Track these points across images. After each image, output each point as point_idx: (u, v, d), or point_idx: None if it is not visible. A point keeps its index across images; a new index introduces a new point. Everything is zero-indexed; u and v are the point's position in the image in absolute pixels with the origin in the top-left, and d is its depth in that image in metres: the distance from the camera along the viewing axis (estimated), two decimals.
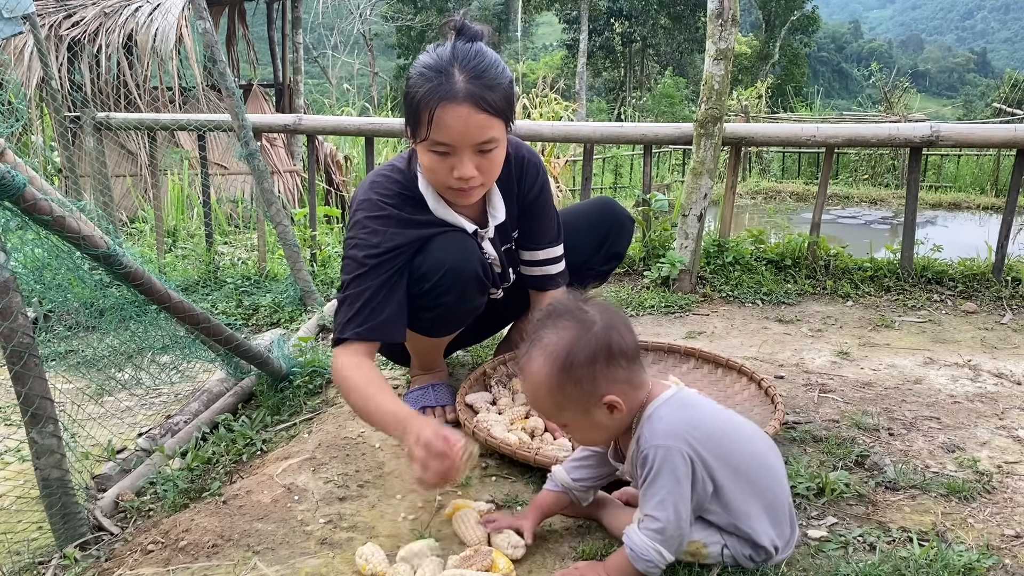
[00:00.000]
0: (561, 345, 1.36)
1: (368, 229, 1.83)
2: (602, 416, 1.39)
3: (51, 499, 1.68)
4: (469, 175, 1.74)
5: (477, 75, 1.67)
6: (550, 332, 1.39)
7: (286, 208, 6.36)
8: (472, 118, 1.67)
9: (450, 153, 1.72)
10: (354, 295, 1.80)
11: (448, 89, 1.66)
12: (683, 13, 33.60)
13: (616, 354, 1.37)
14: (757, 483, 1.40)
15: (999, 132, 3.49)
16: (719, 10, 3.30)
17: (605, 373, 1.36)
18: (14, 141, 5.59)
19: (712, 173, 3.46)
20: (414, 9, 32.11)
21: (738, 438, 1.43)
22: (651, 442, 1.35)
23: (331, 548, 1.55)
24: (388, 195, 1.87)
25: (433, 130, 1.68)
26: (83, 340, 2.69)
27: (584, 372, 1.36)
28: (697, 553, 1.41)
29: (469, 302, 1.96)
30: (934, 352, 2.75)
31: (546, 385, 1.38)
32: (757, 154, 14.77)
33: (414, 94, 1.70)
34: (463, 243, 1.91)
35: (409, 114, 1.74)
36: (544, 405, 1.43)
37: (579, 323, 1.38)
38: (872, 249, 4.35)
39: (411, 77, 1.73)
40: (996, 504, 1.70)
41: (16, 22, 3.14)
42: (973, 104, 39.68)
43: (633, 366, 1.40)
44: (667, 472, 1.33)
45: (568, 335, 1.37)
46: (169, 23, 8.02)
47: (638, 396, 1.41)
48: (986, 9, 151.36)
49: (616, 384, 1.37)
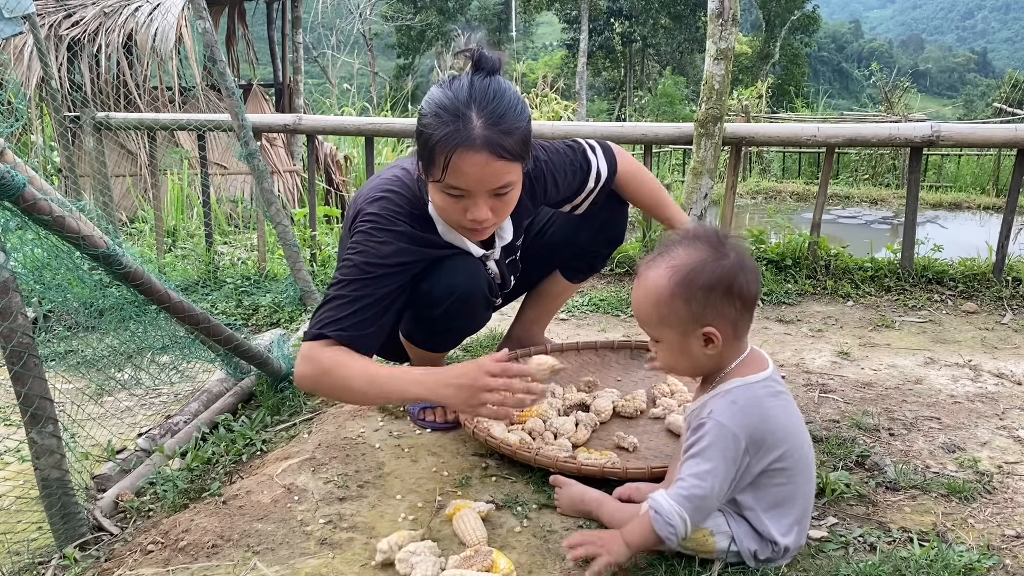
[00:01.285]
0: (688, 262, 1.38)
1: (378, 239, 1.75)
2: (696, 346, 1.41)
3: (51, 499, 1.68)
4: (483, 218, 1.69)
5: (495, 121, 1.60)
6: (682, 248, 1.41)
7: (286, 208, 6.37)
8: (489, 166, 1.61)
9: (464, 196, 1.67)
10: (350, 298, 1.71)
11: (466, 136, 1.58)
12: (683, 13, 33.61)
13: (735, 293, 1.38)
14: (799, 487, 1.41)
15: (1000, 132, 3.49)
16: (719, 10, 3.30)
17: (717, 304, 1.37)
18: (14, 141, 5.59)
19: (712, 173, 3.46)
20: (414, 9, 32.10)
21: (801, 442, 1.43)
22: (716, 417, 1.36)
23: (331, 548, 1.54)
24: (400, 212, 1.80)
25: (449, 175, 1.62)
26: (83, 340, 2.69)
27: (699, 294, 1.37)
28: (703, 543, 1.40)
29: (477, 321, 2.04)
30: (934, 352, 2.75)
31: (658, 293, 1.39)
32: (757, 154, 14.78)
33: (429, 135, 1.62)
34: (471, 266, 1.89)
35: (423, 153, 1.66)
36: (647, 312, 1.43)
37: (714, 250, 1.39)
38: (872, 249, 4.35)
39: (425, 115, 1.64)
40: (996, 504, 1.70)
41: (16, 22, 3.14)
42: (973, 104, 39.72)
43: (745, 314, 1.41)
44: (719, 449, 1.34)
45: (699, 256, 1.39)
46: (169, 23, 8.02)
47: (735, 348, 1.43)
48: (986, 9, 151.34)
49: (723, 321, 1.39)
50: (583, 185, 2.08)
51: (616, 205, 2.20)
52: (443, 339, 2.06)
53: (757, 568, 1.42)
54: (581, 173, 2.06)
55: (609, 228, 2.21)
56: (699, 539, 1.40)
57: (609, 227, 2.21)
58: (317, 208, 4.38)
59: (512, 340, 2.46)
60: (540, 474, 1.78)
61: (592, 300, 3.39)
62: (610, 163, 2.10)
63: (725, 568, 1.42)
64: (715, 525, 1.41)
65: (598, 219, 2.19)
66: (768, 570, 1.42)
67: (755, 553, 1.41)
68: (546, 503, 1.70)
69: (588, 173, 2.07)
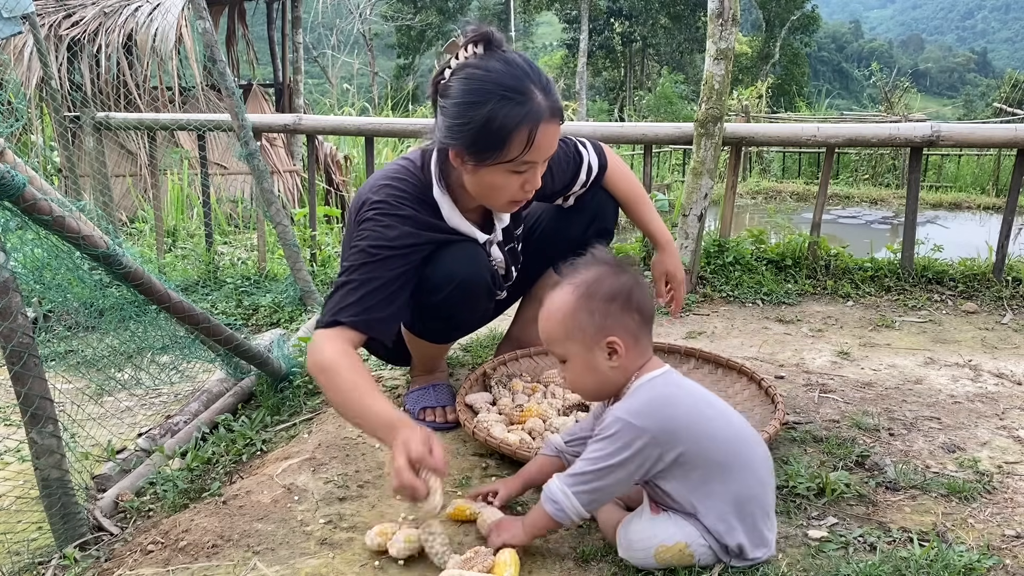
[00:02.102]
0: (589, 278, 1.47)
1: (383, 224, 1.77)
2: (601, 359, 1.45)
3: (51, 499, 1.68)
4: (539, 185, 1.78)
5: (549, 90, 1.69)
6: (582, 269, 1.49)
7: (286, 208, 6.36)
8: (558, 134, 1.73)
9: (527, 170, 1.72)
10: (359, 282, 1.71)
11: (541, 110, 1.65)
12: (683, 13, 33.61)
13: (633, 305, 1.45)
14: (727, 472, 1.40)
15: (1000, 132, 3.49)
16: (719, 10, 3.30)
17: (618, 315, 1.44)
18: (14, 141, 5.59)
19: (712, 173, 3.46)
20: (414, 9, 32.11)
21: (715, 428, 1.43)
22: (617, 413, 1.40)
23: (331, 548, 1.54)
24: (405, 197, 1.82)
25: (531, 151, 1.66)
26: (83, 340, 2.69)
27: (600, 305, 1.44)
28: (682, 557, 1.41)
29: (479, 310, 2.02)
30: (935, 352, 2.75)
31: (562, 310, 1.46)
32: (757, 154, 14.78)
33: (501, 117, 1.62)
34: (473, 254, 1.90)
35: (488, 138, 1.64)
36: (554, 330, 1.48)
37: (612, 268, 1.48)
38: (872, 249, 4.35)
39: (483, 101, 1.62)
40: (996, 504, 1.70)
41: (16, 22, 3.14)
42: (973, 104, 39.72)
43: (644, 328, 1.47)
44: (617, 443, 1.37)
45: (598, 272, 1.47)
46: (169, 23, 8.01)
47: (636, 360, 1.46)
48: (986, 9, 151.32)
49: (624, 331, 1.44)
50: (575, 177, 2.12)
51: (605, 198, 2.21)
52: (443, 328, 2.02)
53: (753, 568, 1.42)
54: (574, 165, 2.11)
55: (599, 219, 2.22)
56: (676, 554, 1.40)
57: (599, 218, 2.22)
58: (317, 208, 4.38)
59: (511, 340, 2.46)
60: None
61: None
62: (600, 159, 2.15)
63: (725, 569, 1.42)
64: (686, 535, 1.40)
65: (588, 211, 2.20)
66: (768, 570, 1.42)
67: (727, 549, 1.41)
68: None
69: (580, 165, 2.12)
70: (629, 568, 1.44)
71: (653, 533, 1.41)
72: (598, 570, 1.47)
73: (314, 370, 1.68)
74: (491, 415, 2.02)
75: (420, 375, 2.22)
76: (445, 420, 2.07)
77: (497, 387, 2.21)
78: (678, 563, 1.41)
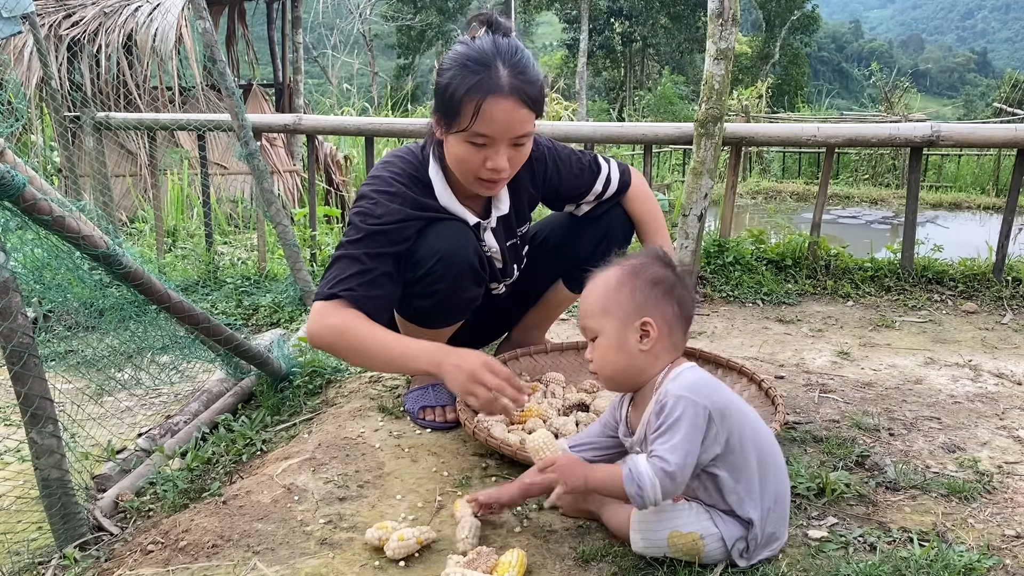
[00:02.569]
0: (637, 261, 1.51)
1: (373, 200, 1.85)
2: (632, 339, 1.46)
3: (51, 499, 1.68)
4: (503, 167, 1.78)
5: (520, 70, 1.72)
6: (635, 257, 1.53)
7: (286, 208, 6.37)
8: (516, 112, 1.72)
9: (487, 145, 1.75)
10: (353, 256, 1.81)
11: (496, 82, 1.69)
12: (683, 13, 33.62)
13: (675, 296, 1.47)
14: (766, 461, 1.43)
15: (1000, 132, 3.49)
16: (719, 10, 3.30)
17: (658, 300, 1.46)
18: (14, 141, 5.59)
19: (712, 173, 3.46)
20: (414, 9, 32.11)
21: (754, 417, 1.47)
22: (673, 392, 1.39)
23: (331, 548, 1.54)
24: (399, 174, 1.90)
25: (478, 121, 1.71)
26: (83, 340, 2.69)
27: (643, 286, 1.46)
28: (692, 548, 1.41)
29: (463, 291, 1.96)
30: (935, 352, 2.75)
31: (606, 283, 1.49)
32: (757, 154, 14.78)
33: (456, 86, 1.71)
34: (459, 232, 1.92)
35: (446, 105, 1.75)
36: (593, 302, 1.50)
37: (663, 263, 1.51)
38: (872, 249, 4.35)
39: (448, 68, 1.74)
40: (996, 504, 1.70)
41: (16, 22, 3.14)
42: (973, 104, 39.72)
43: (680, 323, 1.49)
44: (686, 421, 1.36)
45: (649, 259, 1.51)
46: (169, 23, 8.01)
47: (666, 352, 1.47)
48: (986, 9, 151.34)
49: (660, 317, 1.46)
50: (589, 185, 2.12)
51: (621, 217, 2.21)
52: (429, 308, 1.96)
53: (749, 566, 1.42)
54: (589, 173, 2.12)
55: (610, 237, 2.21)
56: (689, 543, 1.41)
57: (610, 237, 2.21)
58: (317, 208, 4.38)
59: (511, 342, 2.46)
60: None
61: None
62: (623, 178, 2.17)
63: (725, 569, 1.42)
64: (703, 528, 1.41)
65: (601, 227, 2.19)
66: (768, 570, 1.42)
67: (742, 551, 1.42)
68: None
69: (596, 174, 2.13)
70: (630, 568, 1.44)
71: (671, 516, 1.43)
72: (598, 570, 1.47)
73: (331, 336, 1.77)
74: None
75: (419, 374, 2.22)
76: (445, 420, 2.07)
77: None
78: (687, 552, 1.41)
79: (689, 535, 1.40)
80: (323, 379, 2.49)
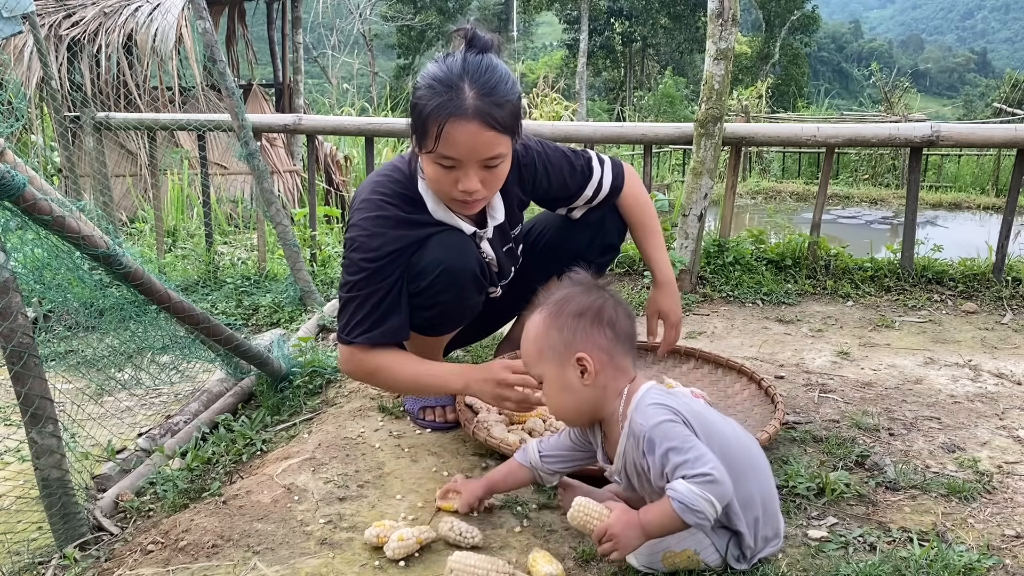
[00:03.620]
0: (558, 297, 1.49)
1: (367, 232, 1.83)
2: (573, 376, 1.44)
3: (51, 499, 1.68)
4: (473, 189, 1.75)
5: (487, 92, 1.67)
6: (556, 291, 1.51)
7: (286, 208, 6.37)
8: (480, 135, 1.67)
9: (455, 167, 1.72)
10: (361, 297, 1.83)
11: (458, 105, 1.65)
12: (683, 13, 33.60)
13: (604, 321, 1.45)
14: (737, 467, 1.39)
15: (999, 132, 3.49)
16: (719, 10, 3.30)
17: (587, 332, 1.45)
18: (14, 141, 5.59)
19: (712, 173, 3.46)
20: (414, 9, 32.10)
21: (720, 426, 1.44)
22: (649, 424, 1.36)
23: (331, 548, 1.54)
24: (388, 195, 1.87)
25: (441, 144, 1.68)
26: (83, 340, 2.68)
27: (568, 322, 1.45)
28: (690, 563, 1.41)
29: (466, 300, 1.96)
30: (934, 352, 2.75)
31: (534, 330, 1.49)
32: (757, 154, 14.78)
33: (423, 106, 1.69)
34: (460, 242, 1.91)
35: (416, 125, 1.74)
36: (528, 351, 1.51)
37: (585, 288, 1.50)
38: (872, 249, 4.35)
39: (419, 88, 1.72)
40: (996, 504, 1.70)
41: (16, 22, 3.14)
42: (973, 104, 39.69)
43: (619, 344, 1.46)
44: (682, 438, 1.34)
45: (568, 292, 1.50)
46: (169, 23, 8.01)
47: (614, 379, 1.45)
48: (986, 9, 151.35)
49: (594, 348, 1.44)
50: (580, 188, 2.10)
51: (613, 216, 2.20)
52: (431, 317, 1.94)
53: (753, 568, 1.42)
54: (580, 177, 2.09)
55: (603, 235, 2.21)
56: (685, 559, 1.40)
57: (603, 234, 2.21)
58: (317, 208, 4.38)
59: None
60: None
61: None
62: (616, 180, 2.14)
63: (725, 570, 1.42)
64: (696, 543, 1.40)
65: (593, 226, 2.19)
66: (768, 570, 1.42)
67: (738, 557, 1.41)
68: (546, 503, 1.70)
69: (588, 178, 2.10)
70: (630, 569, 1.44)
71: (661, 539, 1.39)
72: (598, 570, 1.47)
73: (364, 376, 1.94)
74: (491, 415, 2.02)
75: None
76: (445, 420, 2.07)
77: None
78: (685, 567, 1.41)
79: (683, 553, 1.40)
80: (323, 379, 2.49)
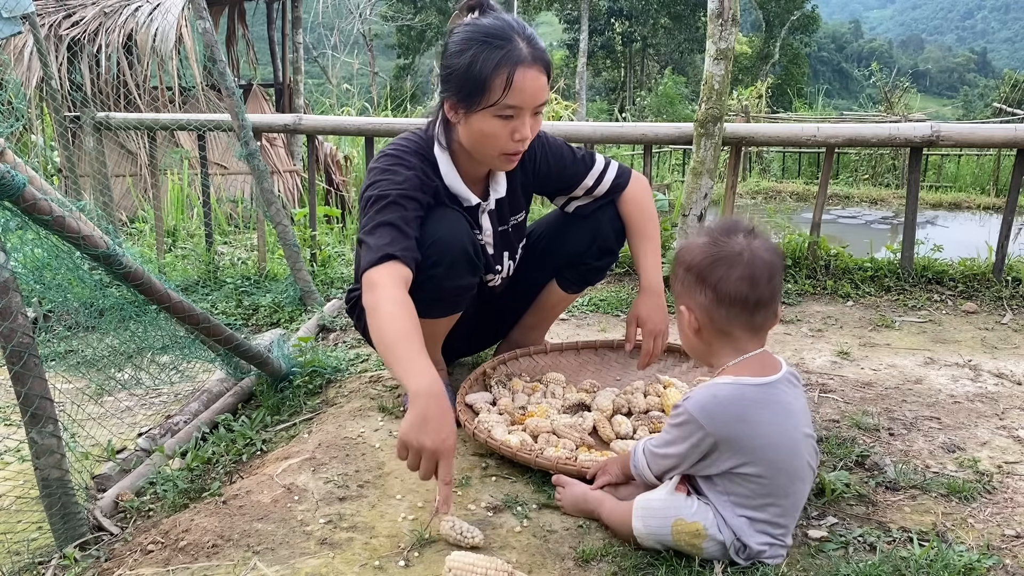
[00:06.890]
0: (693, 240, 1.50)
1: (390, 171, 1.87)
2: (683, 320, 1.49)
3: (51, 499, 1.68)
4: (528, 135, 1.83)
5: (534, 42, 1.79)
6: (707, 228, 1.51)
7: (286, 208, 6.36)
8: (540, 80, 1.78)
9: (514, 116, 1.79)
10: (387, 221, 1.75)
11: (520, 54, 1.74)
12: (683, 13, 33.61)
13: (708, 283, 1.43)
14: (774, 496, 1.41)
15: (999, 132, 3.49)
16: (719, 10, 3.30)
17: (691, 287, 1.46)
18: (14, 141, 5.59)
19: (712, 173, 3.46)
20: (414, 9, 32.11)
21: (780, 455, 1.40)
22: (686, 403, 1.42)
23: (331, 548, 1.54)
24: (408, 151, 1.93)
25: (509, 93, 1.74)
26: (83, 340, 2.68)
27: (680, 272, 1.49)
28: (695, 538, 1.41)
29: (458, 279, 1.92)
30: (934, 352, 2.75)
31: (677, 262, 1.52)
32: (757, 154, 14.77)
33: (482, 62, 1.74)
34: (455, 220, 1.94)
35: (471, 82, 1.76)
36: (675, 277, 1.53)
37: (715, 237, 1.45)
38: (872, 249, 4.35)
39: (466, 48, 1.76)
40: (996, 504, 1.70)
41: (16, 22, 3.14)
42: (973, 104, 39.71)
43: (720, 309, 1.42)
44: (683, 431, 1.41)
45: (704, 239, 1.47)
46: (169, 23, 8.01)
47: (722, 340, 1.46)
48: (986, 9, 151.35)
49: (695, 305, 1.46)
50: (580, 177, 2.14)
51: (611, 218, 2.20)
52: (426, 297, 1.87)
53: (753, 567, 1.42)
54: (581, 166, 2.14)
55: (601, 238, 2.21)
56: (692, 532, 1.41)
57: (601, 237, 2.20)
58: (317, 208, 4.38)
59: (510, 343, 2.46)
60: (540, 474, 1.78)
61: (592, 300, 3.39)
62: (620, 179, 2.16)
63: (725, 569, 1.42)
64: (708, 522, 1.41)
65: (590, 227, 2.19)
66: (768, 570, 1.42)
67: (738, 549, 1.42)
68: (546, 503, 1.70)
69: (589, 167, 2.14)
70: (630, 568, 1.44)
71: (675, 505, 1.43)
72: (598, 570, 1.47)
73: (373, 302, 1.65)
74: (492, 416, 2.02)
75: None
76: None
77: (497, 387, 2.21)
78: (688, 544, 1.42)
79: (693, 525, 1.41)
80: (323, 379, 2.50)
